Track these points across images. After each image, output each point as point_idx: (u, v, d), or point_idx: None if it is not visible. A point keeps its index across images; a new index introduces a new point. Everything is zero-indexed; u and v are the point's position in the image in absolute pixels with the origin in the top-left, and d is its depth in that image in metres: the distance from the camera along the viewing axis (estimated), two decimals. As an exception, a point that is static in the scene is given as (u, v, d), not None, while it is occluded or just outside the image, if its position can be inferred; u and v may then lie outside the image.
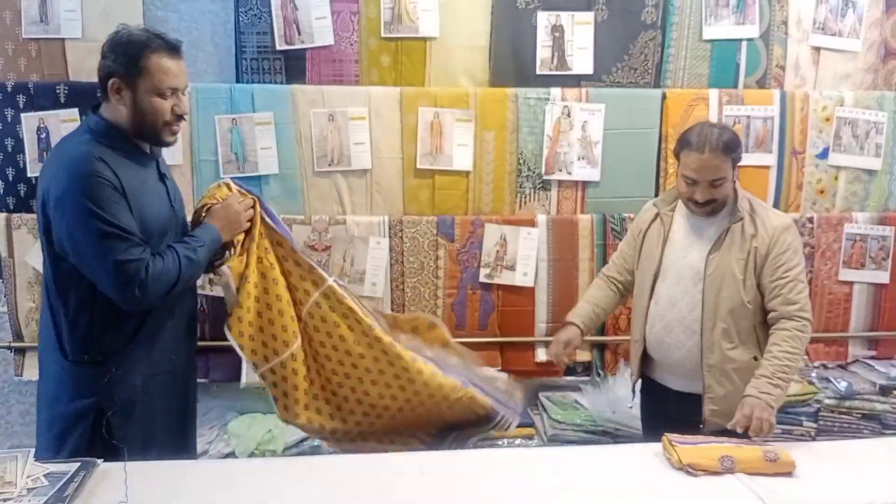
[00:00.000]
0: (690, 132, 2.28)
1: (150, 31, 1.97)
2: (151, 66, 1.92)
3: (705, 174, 2.21)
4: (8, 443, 3.20)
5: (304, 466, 2.01)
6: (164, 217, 2.02)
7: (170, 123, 1.98)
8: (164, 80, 1.93)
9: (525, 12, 3.11)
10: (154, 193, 2.02)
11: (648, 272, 2.40)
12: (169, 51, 1.95)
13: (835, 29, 3.26)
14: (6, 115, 2.96)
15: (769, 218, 2.29)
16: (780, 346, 2.18)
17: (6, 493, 1.69)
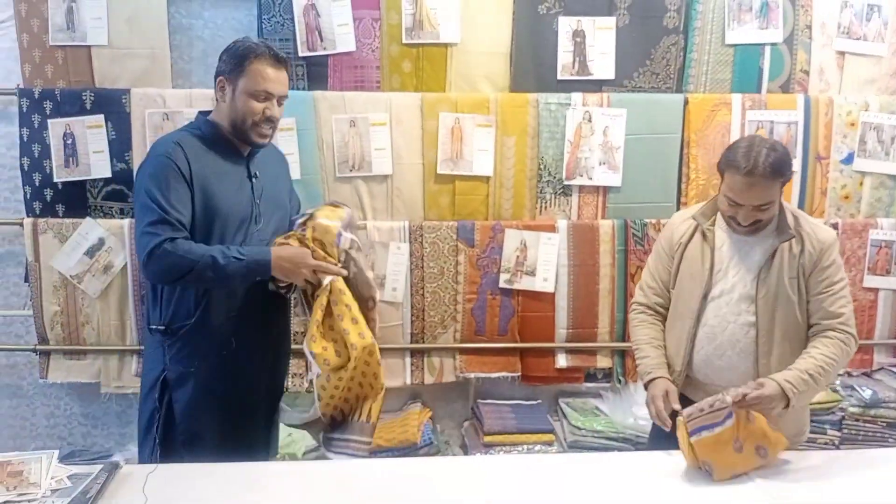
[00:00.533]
0: (737, 149, 2.08)
1: (263, 43, 2.18)
2: (252, 69, 2.11)
3: (751, 199, 2.05)
4: (32, 444, 3.24)
5: (324, 469, 2.01)
6: (240, 210, 2.16)
7: (258, 124, 2.13)
8: (259, 83, 2.11)
9: (546, 17, 3.11)
10: (234, 187, 2.16)
11: (694, 293, 2.20)
12: (272, 60, 2.13)
13: (859, 33, 3.22)
14: (33, 121, 3.00)
15: (815, 232, 2.16)
16: (820, 349, 2.09)
17: (31, 493, 1.71)
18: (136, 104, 3.00)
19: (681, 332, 2.23)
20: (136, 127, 3.01)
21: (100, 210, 3.06)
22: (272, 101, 2.13)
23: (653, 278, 2.36)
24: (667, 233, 2.34)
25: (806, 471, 1.98)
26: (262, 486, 1.86)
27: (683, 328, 2.22)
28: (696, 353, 2.21)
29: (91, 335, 3.09)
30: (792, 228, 2.13)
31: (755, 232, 2.13)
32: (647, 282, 2.38)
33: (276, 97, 2.14)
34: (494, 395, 3.28)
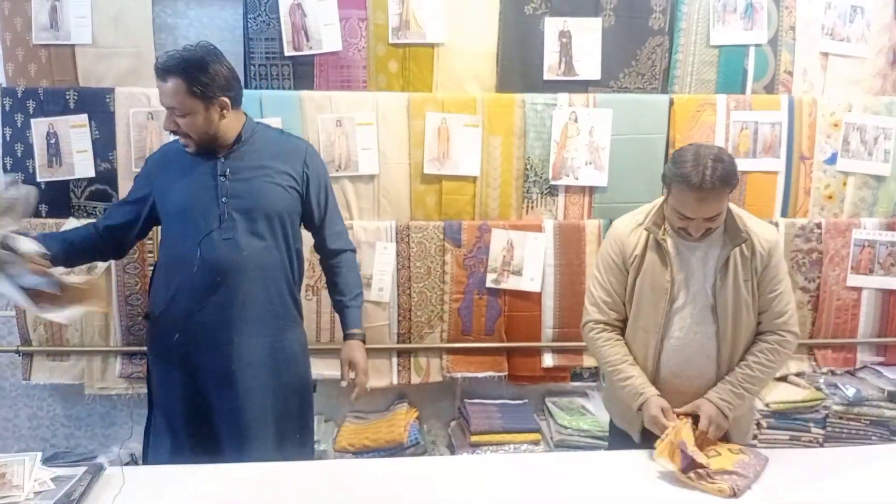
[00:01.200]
0: (683, 164, 2.00)
1: (164, 56, 2.16)
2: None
3: (702, 213, 2.02)
4: (15, 446, 3.21)
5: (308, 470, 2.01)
6: (195, 208, 2.20)
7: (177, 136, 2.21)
8: (160, 98, 2.16)
9: (532, 18, 3.12)
10: (192, 188, 2.22)
11: (658, 306, 2.18)
12: (159, 72, 2.13)
13: (843, 34, 3.25)
14: (16, 120, 2.98)
15: (763, 232, 2.17)
16: (756, 356, 2.15)
17: (14, 496, 1.70)
18: (121, 103, 2.98)
19: (645, 346, 2.22)
20: (120, 126, 2.99)
21: (83, 210, 3.03)
22: (169, 114, 2.15)
23: (607, 293, 2.27)
24: (615, 245, 2.26)
25: (790, 469, 2.00)
26: (246, 487, 1.85)
27: (648, 342, 2.21)
28: (663, 364, 2.21)
29: (74, 336, 3.06)
30: (743, 231, 2.12)
31: (705, 238, 2.12)
32: (600, 297, 2.28)
33: (170, 110, 2.14)
34: (481, 394, 3.28)
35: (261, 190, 2.24)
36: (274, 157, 2.28)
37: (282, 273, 2.29)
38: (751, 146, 3.18)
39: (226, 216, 2.19)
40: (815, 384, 3.17)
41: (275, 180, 2.26)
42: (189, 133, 2.16)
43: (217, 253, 2.17)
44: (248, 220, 2.21)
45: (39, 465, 1.81)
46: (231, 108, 2.19)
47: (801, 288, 3.24)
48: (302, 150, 2.36)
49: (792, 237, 3.19)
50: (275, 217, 2.25)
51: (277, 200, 2.26)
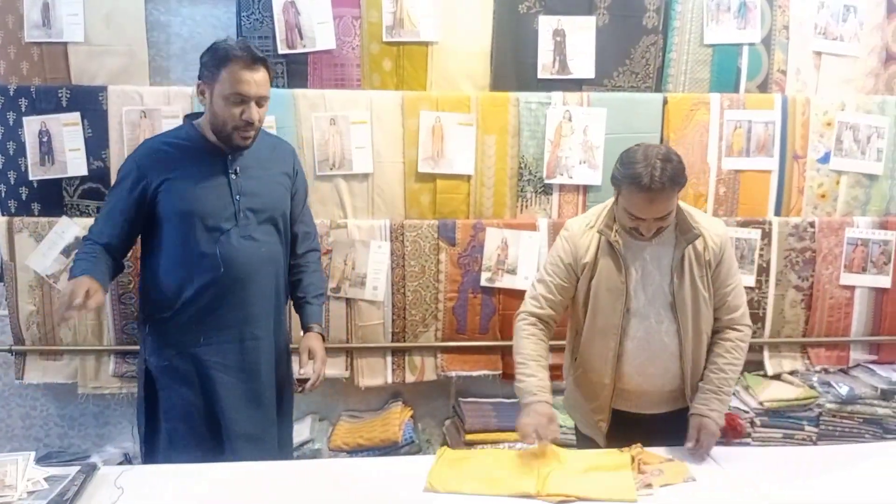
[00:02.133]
0: (633, 164, 2.01)
1: (240, 43, 2.14)
2: (226, 73, 2.09)
3: (653, 213, 2.01)
4: (8, 446, 3.20)
5: (304, 469, 2.01)
6: (213, 209, 2.17)
7: (238, 128, 2.13)
8: (234, 86, 2.09)
9: (526, 17, 3.12)
10: (206, 185, 2.17)
11: (616, 308, 2.16)
12: (247, 61, 2.09)
13: (836, 34, 3.26)
14: (8, 118, 2.96)
15: (711, 227, 2.18)
16: (725, 357, 2.16)
17: (7, 496, 1.69)
18: (114, 102, 2.97)
19: (604, 348, 2.20)
20: (112, 125, 2.98)
21: (76, 208, 3.02)
22: (249, 103, 2.11)
23: (549, 290, 2.24)
24: (567, 246, 2.23)
25: (784, 467, 2.00)
26: (241, 486, 1.85)
27: (607, 344, 2.19)
28: (624, 364, 2.19)
29: (67, 335, 3.05)
30: (695, 227, 2.12)
31: (656, 237, 2.11)
32: (541, 293, 2.25)
33: (253, 99, 2.12)
34: (475, 393, 3.28)
35: (269, 189, 2.28)
36: (271, 157, 2.32)
37: (283, 271, 2.35)
38: (744, 145, 3.18)
39: (241, 214, 2.19)
40: (808, 382, 3.18)
41: (277, 179, 2.32)
42: (259, 126, 2.18)
43: (237, 251, 2.17)
44: (259, 219, 2.23)
45: (33, 464, 1.81)
46: None
47: (795, 287, 3.25)
48: (290, 151, 2.45)
49: (785, 236, 3.20)
50: (279, 216, 2.30)
51: (280, 199, 2.32)
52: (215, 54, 2.11)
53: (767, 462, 2.03)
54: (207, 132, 2.20)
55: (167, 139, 2.26)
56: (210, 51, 2.14)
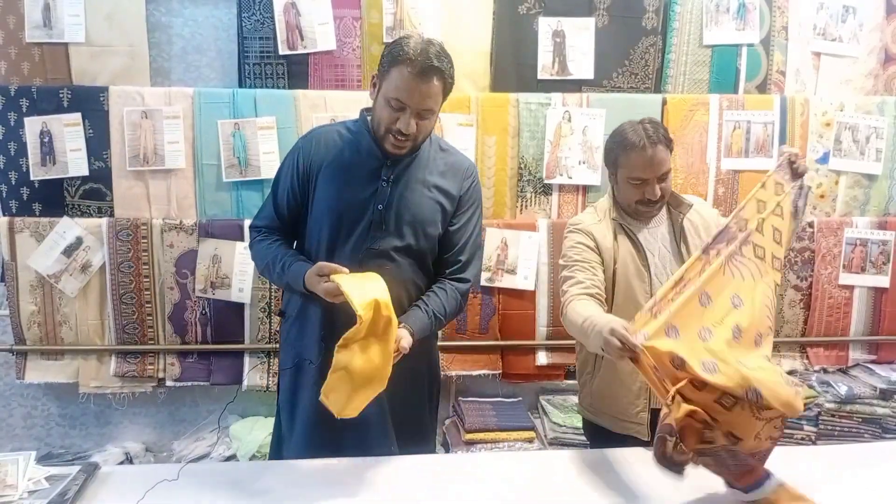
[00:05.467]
0: (624, 133, 2.15)
1: (426, 48, 1.93)
2: (393, 74, 1.93)
3: (656, 170, 2.13)
4: (9, 445, 3.21)
5: (306, 468, 2.01)
6: (353, 211, 2.05)
7: (390, 134, 1.98)
8: (395, 90, 1.93)
9: (526, 18, 3.12)
10: (356, 186, 2.05)
11: (641, 291, 2.19)
12: (417, 67, 1.90)
13: (835, 34, 3.27)
14: (9, 119, 2.97)
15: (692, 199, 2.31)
16: None
17: (7, 496, 1.70)
18: (115, 102, 2.98)
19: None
20: (114, 125, 2.98)
21: (77, 209, 3.03)
22: (406, 112, 1.94)
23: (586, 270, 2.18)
24: (583, 236, 2.24)
25: (783, 467, 2.00)
26: (241, 485, 1.85)
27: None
28: None
29: (69, 335, 3.06)
30: (685, 200, 2.25)
31: (659, 209, 2.23)
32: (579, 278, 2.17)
33: (412, 109, 1.94)
34: (475, 392, 3.29)
35: (417, 203, 2.08)
36: (436, 173, 2.12)
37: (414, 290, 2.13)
38: (743, 145, 3.19)
39: (376, 224, 2.04)
40: (807, 382, 3.18)
41: (432, 196, 2.10)
42: (419, 136, 2.01)
43: (368, 266, 2.00)
44: (398, 232, 2.06)
45: (33, 464, 1.81)
46: None
47: (794, 286, 3.26)
48: (465, 172, 2.18)
49: (784, 236, 3.20)
50: (422, 234, 2.09)
51: (429, 217, 2.10)
52: (392, 49, 1.95)
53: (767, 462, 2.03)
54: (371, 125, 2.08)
55: (334, 128, 2.16)
56: (391, 44, 1.98)
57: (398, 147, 2.00)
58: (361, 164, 2.07)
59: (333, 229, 2.06)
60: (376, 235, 2.05)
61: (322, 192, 2.08)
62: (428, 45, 1.93)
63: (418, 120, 1.96)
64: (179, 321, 3.06)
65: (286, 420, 2.21)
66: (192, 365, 3.10)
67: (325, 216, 2.07)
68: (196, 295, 3.04)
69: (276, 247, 2.12)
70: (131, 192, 3.03)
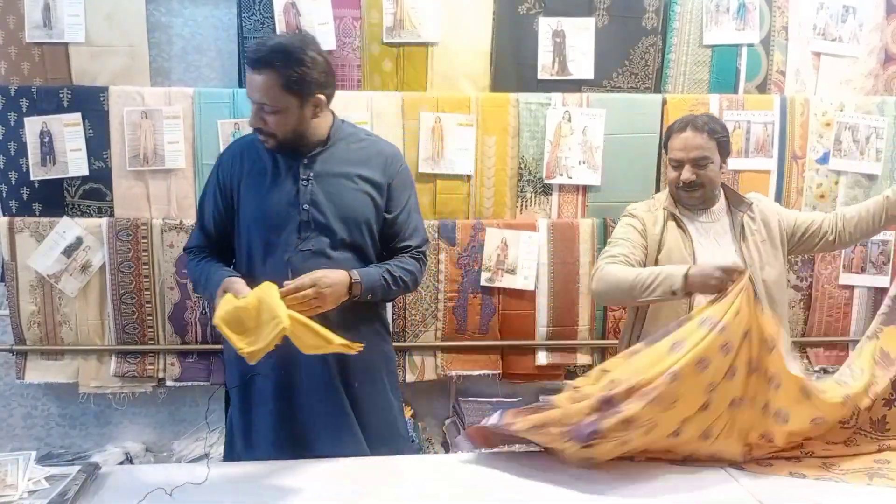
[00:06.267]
0: (677, 119, 2.42)
1: (268, 41, 2.01)
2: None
3: (690, 153, 2.31)
4: (9, 445, 3.20)
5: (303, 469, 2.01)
6: (276, 216, 2.07)
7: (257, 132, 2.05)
8: (248, 91, 1.99)
9: (526, 18, 3.12)
10: (275, 191, 2.08)
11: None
12: (250, 64, 1.96)
13: (835, 34, 3.27)
14: (9, 119, 2.97)
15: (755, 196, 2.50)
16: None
17: (7, 496, 1.70)
18: (115, 102, 2.98)
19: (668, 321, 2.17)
20: (114, 125, 2.98)
21: (77, 209, 3.03)
22: (256, 108, 1.99)
23: (633, 243, 2.34)
24: (635, 222, 2.42)
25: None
26: (240, 484, 1.85)
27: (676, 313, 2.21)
28: None
29: (69, 335, 3.06)
30: (746, 199, 2.39)
31: (702, 202, 2.36)
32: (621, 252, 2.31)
33: (255, 104, 1.99)
34: (475, 392, 3.29)
35: (343, 196, 2.10)
36: (359, 162, 2.13)
37: None
38: (743, 145, 3.19)
39: (305, 224, 2.06)
40: (807, 382, 3.18)
41: (359, 186, 2.12)
42: (275, 132, 2.01)
43: (304, 265, 2.00)
44: (329, 229, 2.07)
45: (33, 464, 1.81)
46: (325, 107, 2.07)
47: (794, 286, 3.26)
48: (387, 156, 2.20)
49: (784, 236, 3.21)
50: (355, 226, 2.11)
51: (360, 207, 2.12)
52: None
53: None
54: None
55: (250, 138, 2.15)
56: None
57: (265, 142, 2.05)
58: (279, 168, 2.10)
59: (262, 237, 2.08)
60: (307, 236, 2.07)
61: (245, 203, 2.10)
62: (276, 39, 2.00)
63: (264, 114, 1.98)
64: (179, 321, 3.06)
65: (240, 441, 2.17)
66: (192, 365, 3.10)
67: (251, 226, 2.10)
68: (196, 295, 3.04)
69: (203, 263, 2.12)
70: (131, 192, 3.03)
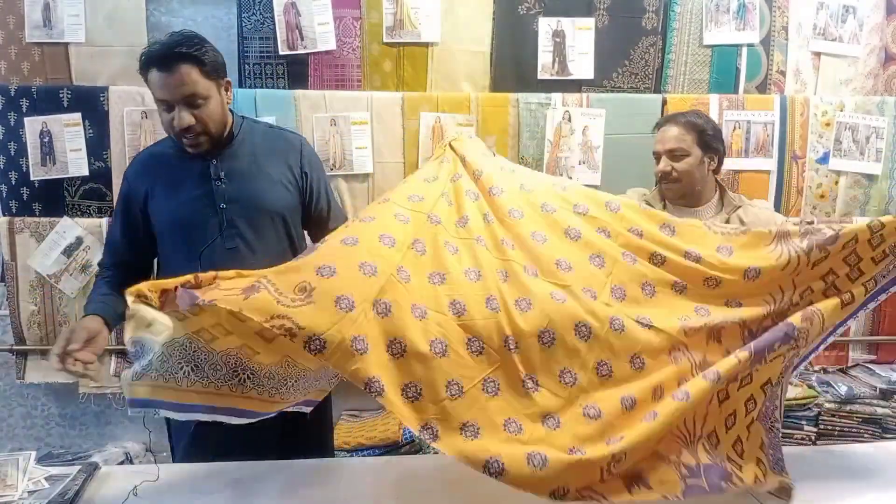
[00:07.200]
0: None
1: (158, 43, 1.95)
2: (149, 81, 1.94)
3: (666, 144, 2.40)
4: (9, 445, 3.21)
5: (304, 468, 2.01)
6: (193, 216, 2.04)
7: (180, 135, 1.97)
8: (155, 94, 1.95)
9: (526, 18, 3.12)
10: (187, 194, 2.04)
11: None
12: (157, 64, 1.90)
13: (835, 34, 3.27)
14: (9, 118, 2.97)
15: (757, 203, 2.45)
16: None
17: (7, 496, 1.70)
18: (115, 102, 2.98)
19: None
20: (114, 125, 2.98)
21: (77, 209, 3.03)
22: (175, 108, 1.92)
23: None
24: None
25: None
26: (241, 485, 1.85)
27: None
28: None
29: (69, 335, 3.05)
30: (737, 200, 2.40)
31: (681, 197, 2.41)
32: None
33: (177, 103, 1.92)
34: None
35: (261, 191, 2.09)
36: (268, 155, 2.14)
37: None
38: (743, 145, 3.19)
39: (226, 223, 2.04)
40: (807, 382, 3.18)
41: (273, 178, 2.12)
42: (208, 124, 1.97)
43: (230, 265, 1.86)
44: (251, 225, 2.06)
45: (33, 464, 1.81)
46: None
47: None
48: (296, 145, 2.22)
49: (784, 236, 3.20)
50: (277, 218, 2.12)
51: (278, 200, 2.12)
52: (141, 56, 1.93)
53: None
54: None
55: (154, 149, 2.16)
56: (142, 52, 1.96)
57: (195, 145, 1.99)
58: (187, 172, 2.05)
59: (183, 243, 2.05)
60: (230, 233, 2.04)
61: (158, 212, 2.06)
62: (170, 36, 1.94)
63: (192, 110, 1.93)
64: (179, 321, 3.06)
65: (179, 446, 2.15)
66: (192, 365, 3.10)
67: (169, 234, 2.06)
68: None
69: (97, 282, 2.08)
70: (131, 192, 3.03)
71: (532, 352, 1.68)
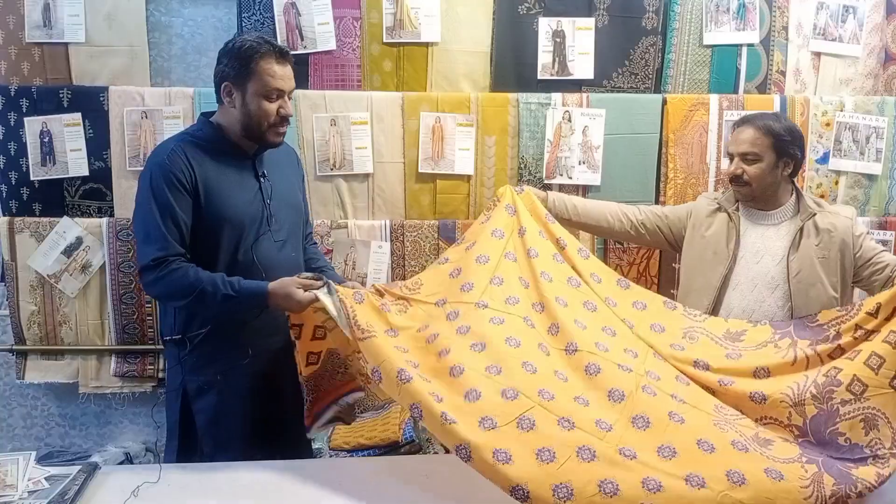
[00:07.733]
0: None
1: (262, 38, 2.09)
2: (259, 70, 2.05)
3: (738, 146, 2.36)
4: (9, 445, 3.21)
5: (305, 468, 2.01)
6: (250, 212, 2.13)
7: (275, 125, 2.11)
8: (270, 83, 2.06)
9: (526, 18, 3.12)
10: (240, 189, 2.14)
11: (716, 270, 2.36)
12: (276, 56, 2.07)
13: (835, 34, 3.27)
14: (9, 119, 2.97)
15: (837, 211, 2.39)
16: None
17: (7, 495, 1.70)
18: (115, 102, 2.98)
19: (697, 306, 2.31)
20: (114, 125, 2.99)
21: (77, 209, 3.03)
22: (284, 98, 2.10)
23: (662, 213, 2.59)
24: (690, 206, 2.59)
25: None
26: (241, 485, 1.85)
27: (700, 303, 2.33)
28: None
29: (69, 335, 3.06)
30: (813, 208, 2.33)
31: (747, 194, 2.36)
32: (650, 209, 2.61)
33: (286, 93, 2.11)
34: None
35: (292, 192, 2.31)
36: (286, 161, 2.34)
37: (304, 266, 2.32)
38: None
39: (272, 218, 2.18)
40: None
41: (294, 182, 2.36)
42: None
43: (273, 257, 2.16)
44: (287, 221, 2.24)
45: (33, 464, 1.81)
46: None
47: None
48: (296, 154, 2.47)
49: (784, 236, 3.20)
50: (300, 219, 2.35)
51: (300, 203, 2.36)
52: (240, 52, 2.04)
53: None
54: (230, 133, 2.13)
55: (192, 139, 2.13)
56: (234, 48, 2.06)
57: (281, 135, 2.16)
58: (235, 168, 2.14)
59: (235, 235, 2.10)
60: (276, 228, 2.19)
61: (211, 203, 2.07)
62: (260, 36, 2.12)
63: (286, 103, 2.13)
64: (179, 321, 3.06)
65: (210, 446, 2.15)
66: (192, 365, 3.10)
67: (222, 225, 2.08)
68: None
69: (203, 273, 2.03)
70: (131, 192, 3.00)
71: None
